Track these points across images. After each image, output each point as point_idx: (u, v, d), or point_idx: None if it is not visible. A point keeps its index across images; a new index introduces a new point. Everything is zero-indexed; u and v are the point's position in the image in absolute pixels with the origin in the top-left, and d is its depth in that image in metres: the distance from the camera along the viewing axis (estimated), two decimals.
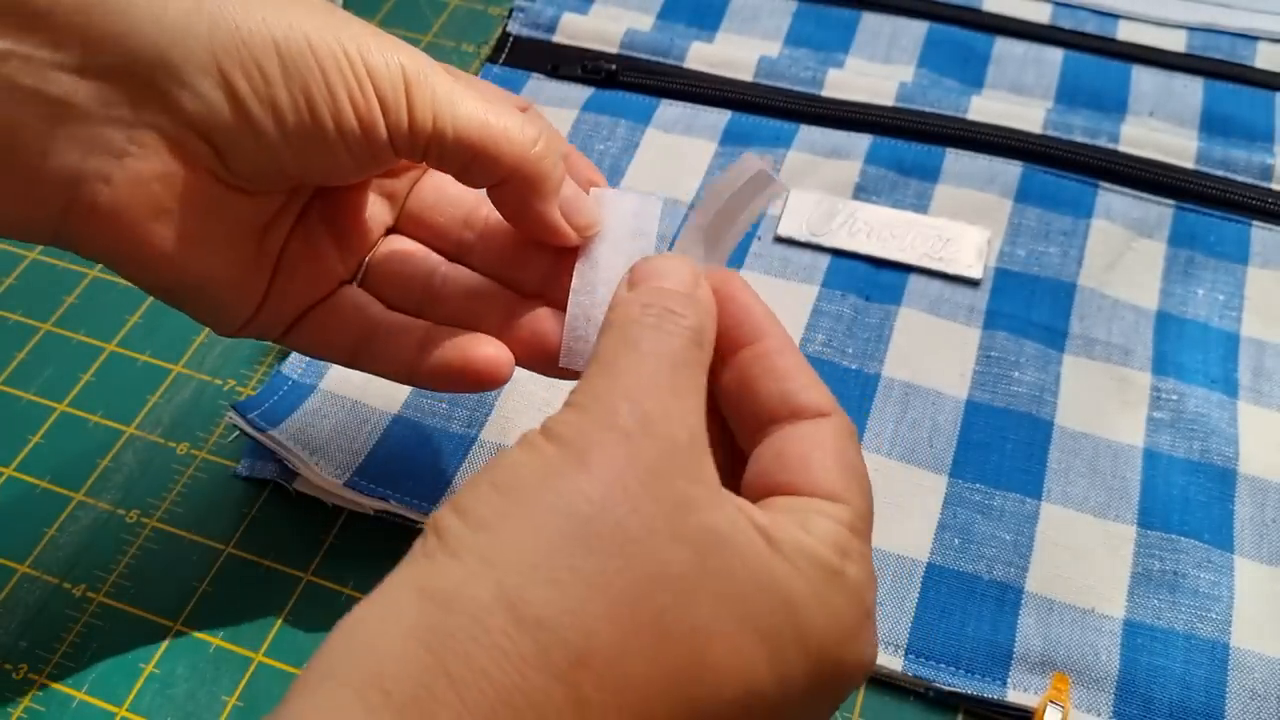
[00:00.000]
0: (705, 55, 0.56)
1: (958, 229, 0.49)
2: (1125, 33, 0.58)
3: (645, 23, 0.59)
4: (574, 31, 0.57)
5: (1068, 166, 0.52)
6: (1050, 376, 0.45)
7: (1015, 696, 0.38)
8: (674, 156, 0.53)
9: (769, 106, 0.54)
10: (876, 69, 0.57)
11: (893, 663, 0.38)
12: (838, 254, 0.49)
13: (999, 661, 0.38)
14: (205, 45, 0.29)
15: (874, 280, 0.48)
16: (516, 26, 0.58)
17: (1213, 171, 0.51)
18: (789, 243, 0.49)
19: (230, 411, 0.43)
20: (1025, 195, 0.51)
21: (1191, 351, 0.46)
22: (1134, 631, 0.39)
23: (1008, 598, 0.40)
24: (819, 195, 0.51)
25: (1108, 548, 0.41)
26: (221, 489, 0.43)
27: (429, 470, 0.42)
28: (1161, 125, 0.54)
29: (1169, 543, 0.41)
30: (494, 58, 0.57)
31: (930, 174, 0.52)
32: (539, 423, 0.26)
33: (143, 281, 0.33)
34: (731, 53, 0.56)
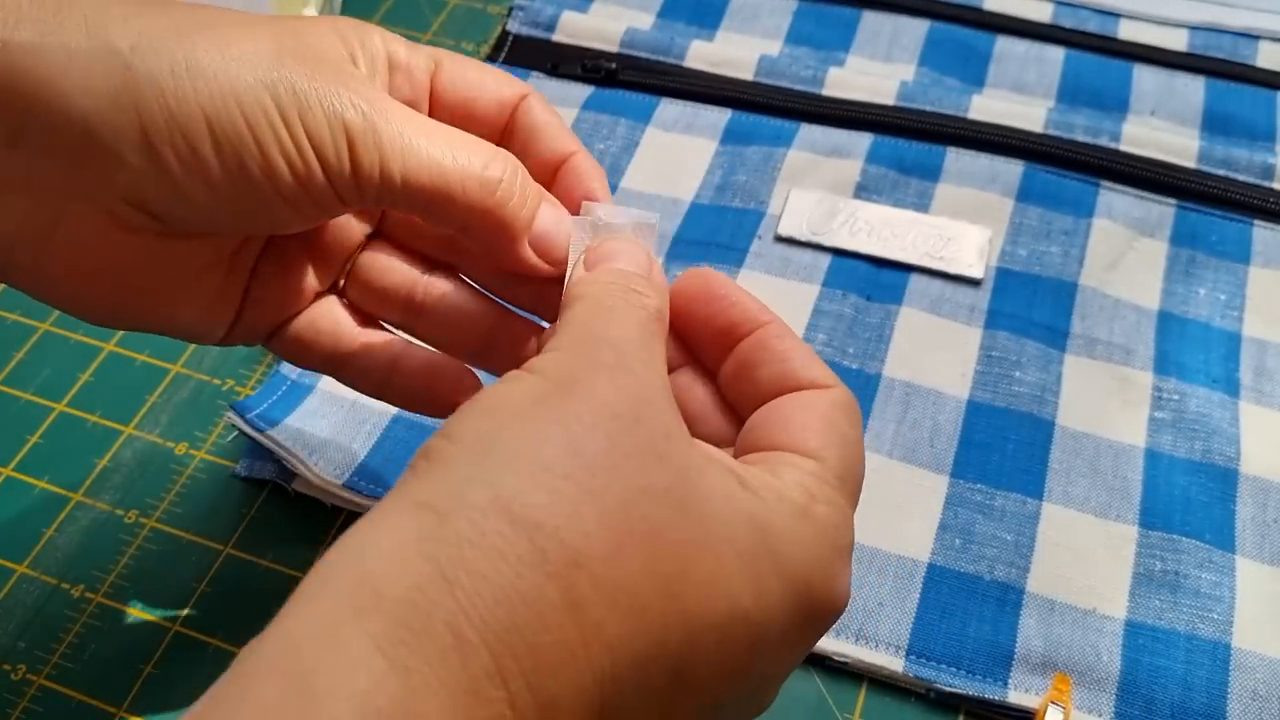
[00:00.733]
0: (705, 54, 0.56)
1: (959, 228, 0.49)
2: (1127, 32, 0.57)
3: (645, 21, 0.59)
4: (574, 30, 0.57)
5: (1069, 166, 0.51)
6: (1051, 376, 0.45)
7: (1016, 697, 0.38)
8: (674, 155, 0.53)
9: (769, 105, 0.54)
10: (877, 68, 0.57)
11: (894, 663, 0.38)
12: (838, 253, 0.49)
13: (1000, 662, 0.38)
14: (132, 119, 0.28)
15: (875, 280, 0.48)
16: (516, 25, 0.58)
17: (1214, 171, 0.51)
18: (789, 242, 0.49)
19: (229, 411, 0.43)
20: (1026, 194, 0.51)
21: (1193, 351, 0.46)
22: (1135, 632, 0.39)
23: (1009, 598, 0.40)
24: (820, 194, 0.51)
25: (1109, 548, 0.41)
26: (220, 489, 0.43)
27: None
28: (1163, 124, 0.54)
29: (1170, 543, 0.41)
30: (493, 56, 0.57)
31: (931, 173, 0.51)
32: None
33: (103, 325, 0.33)
34: (732, 51, 0.56)
